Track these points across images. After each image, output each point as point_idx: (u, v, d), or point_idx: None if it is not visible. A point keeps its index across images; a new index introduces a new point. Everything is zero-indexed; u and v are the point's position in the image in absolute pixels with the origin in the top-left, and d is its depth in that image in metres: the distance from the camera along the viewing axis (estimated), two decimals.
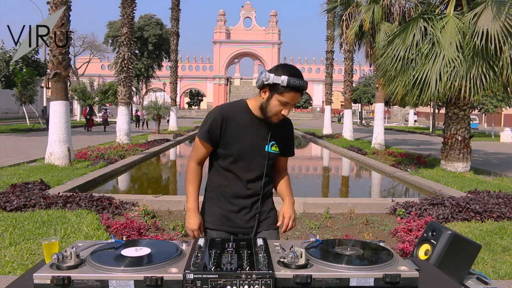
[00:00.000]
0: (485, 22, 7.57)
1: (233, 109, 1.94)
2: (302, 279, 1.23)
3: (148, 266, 1.28)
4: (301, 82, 1.80)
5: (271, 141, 1.95)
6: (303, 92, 1.87)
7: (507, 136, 21.38)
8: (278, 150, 1.98)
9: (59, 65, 8.96)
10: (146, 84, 42.40)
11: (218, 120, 1.89)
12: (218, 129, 1.89)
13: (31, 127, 24.13)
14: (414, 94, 8.32)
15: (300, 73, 1.84)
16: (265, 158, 1.94)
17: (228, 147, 1.92)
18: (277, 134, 1.97)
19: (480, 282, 1.94)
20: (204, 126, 1.91)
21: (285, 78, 1.77)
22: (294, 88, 1.79)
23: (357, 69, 40.98)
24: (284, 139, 2.02)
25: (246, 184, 1.95)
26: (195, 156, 1.98)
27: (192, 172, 1.98)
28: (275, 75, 1.79)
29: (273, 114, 1.86)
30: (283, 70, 1.80)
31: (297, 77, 1.80)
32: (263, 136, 1.94)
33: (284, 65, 1.86)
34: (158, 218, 5.20)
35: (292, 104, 1.85)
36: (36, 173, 7.63)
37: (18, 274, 3.11)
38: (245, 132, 1.91)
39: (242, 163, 1.93)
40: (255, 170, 1.95)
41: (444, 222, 4.93)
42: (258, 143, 1.93)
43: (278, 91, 1.80)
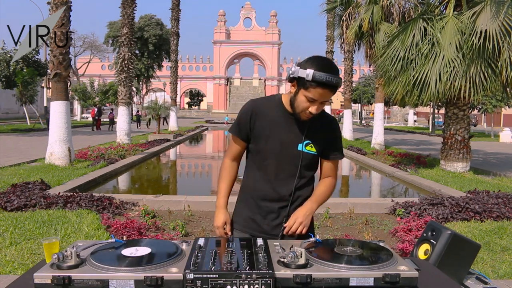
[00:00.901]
0: (484, 21, 7.59)
1: (266, 102, 1.83)
2: (302, 278, 1.24)
3: (148, 266, 1.28)
4: (329, 77, 1.60)
5: (306, 140, 1.77)
6: (335, 89, 1.65)
7: (506, 136, 21.39)
8: (315, 151, 1.79)
9: (60, 65, 8.96)
10: (146, 84, 42.40)
11: (248, 113, 1.78)
12: (248, 123, 1.78)
13: (31, 127, 24.13)
14: (414, 94, 8.33)
15: (332, 67, 1.64)
16: (299, 158, 1.77)
17: (257, 142, 1.80)
18: (315, 133, 1.79)
19: (479, 281, 1.94)
20: (236, 120, 1.84)
21: (310, 72, 1.60)
22: (321, 83, 1.61)
23: (357, 69, 41.01)
24: (325, 139, 1.81)
25: (274, 185, 1.80)
26: (229, 152, 1.89)
27: (225, 169, 1.89)
28: (301, 68, 1.63)
29: (300, 111, 1.70)
30: (312, 63, 1.63)
31: (327, 71, 1.60)
32: (296, 134, 1.77)
33: (315, 57, 1.67)
34: (158, 218, 5.20)
35: (321, 101, 1.67)
36: (37, 173, 7.64)
37: (18, 273, 3.11)
38: (276, 127, 1.77)
39: (271, 161, 1.79)
40: (285, 171, 1.79)
41: (443, 222, 4.94)
42: (290, 141, 1.77)
43: (304, 86, 1.64)
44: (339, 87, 1.67)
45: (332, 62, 1.68)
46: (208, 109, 60.47)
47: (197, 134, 24.03)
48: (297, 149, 1.77)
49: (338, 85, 1.63)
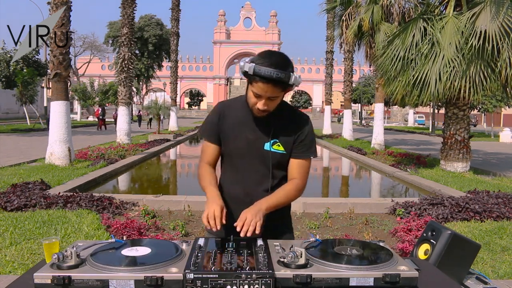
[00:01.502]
0: (484, 22, 7.59)
1: (233, 103, 1.80)
2: (302, 278, 1.24)
3: (148, 265, 1.28)
4: (269, 72, 1.51)
5: (273, 139, 1.71)
6: (280, 84, 1.55)
7: (506, 136, 21.39)
8: (283, 149, 1.71)
9: (60, 65, 8.96)
10: (146, 84, 42.42)
11: (216, 115, 1.76)
12: (216, 124, 1.75)
13: (31, 127, 24.14)
14: (414, 94, 8.34)
15: (278, 62, 1.55)
16: (268, 158, 1.70)
17: (226, 143, 1.76)
18: (283, 131, 1.71)
19: (479, 281, 1.94)
20: (205, 124, 1.82)
21: (252, 65, 1.54)
22: (262, 78, 1.53)
23: (356, 69, 40.97)
24: (293, 137, 1.72)
25: (246, 187, 1.74)
26: (202, 157, 1.81)
27: (203, 171, 1.77)
28: (247, 62, 1.57)
29: (251, 107, 1.66)
30: (258, 57, 1.58)
31: (269, 65, 1.52)
32: (263, 132, 1.71)
33: (264, 51, 1.62)
34: (158, 218, 5.20)
35: (267, 97, 1.59)
36: (37, 173, 7.64)
37: (18, 273, 3.11)
38: (242, 126, 1.72)
39: (240, 161, 1.74)
40: (257, 172, 1.73)
41: (443, 222, 4.94)
42: (256, 140, 1.71)
43: (250, 81, 1.60)
44: (288, 83, 1.56)
45: (281, 57, 1.59)
46: (208, 109, 60.50)
47: (197, 134, 24.04)
48: (263, 148, 1.71)
49: (280, 80, 1.53)
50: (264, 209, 1.61)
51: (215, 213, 1.55)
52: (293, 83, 1.58)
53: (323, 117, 25.51)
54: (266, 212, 1.61)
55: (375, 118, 15.01)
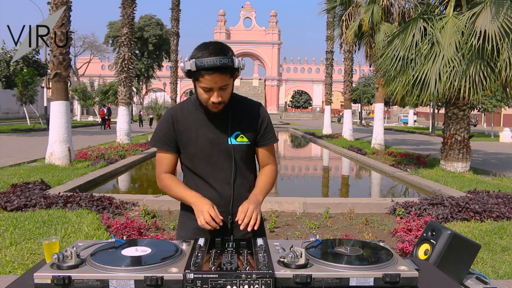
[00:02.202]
0: (483, 22, 7.59)
1: (183, 107, 1.73)
2: (302, 278, 1.24)
3: (148, 265, 1.28)
4: (211, 61, 1.49)
5: (235, 132, 1.69)
6: (226, 71, 1.53)
7: (506, 136, 21.38)
8: (247, 140, 1.71)
9: (60, 65, 8.97)
10: (146, 84, 42.41)
11: (170, 121, 1.69)
12: (172, 131, 1.69)
13: (31, 127, 24.14)
14: (414, 94, 8.33)
15: (214, 49, 1.53)
16: (232, 153, 1.68)
17: (186, 148, 1.70)
18: (241, 122, 1.70)
19: (479, 281, 1.94)
20: (157, 133, 1.72)
21: (192, 62, 1.52)
22: (205, 69, 1.51)
23: (357, 69, 41.00)
24: (254, 126, 1.72)
25: (216, 188, 1.70)
26: (160, 169, 1.73)
27: (169, 180, 1.71)
28: (186, 61, 1.55)
29: (205, 104, 1.63)
30: (194, 53, 1.55)
31: (208, 55, 1.51)
32: (223, 129, 1.68)
33: (198, 45, 1.58)
34: (158, 218, 5.20)
35: (218, 87, 1.56)
36: (37, 173, 7.64)
37: (18, 273, 3.11)
38: (200, 127, 1.68)
39: (206, 163, 1.70)
40: (223, 170, 1.70)
41: (443, 222, 4.94)
42: (218, 137, 1.68)
43: (196, 78, 1.57)
44: (234, 67, 1.54)
45: (217, 44, 1.56)
46: None
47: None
48: (228, 144, 1.68)
49: (225, 66, 1.51)
50: (261, 201, 1.67)
51: (210, 213, 1.53)
52: (238, 66, 1.56)
53: (323, 117, 25.51)
54: (262, 202, 1.68)
55: (375, 118, 15.01)
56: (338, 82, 45.87)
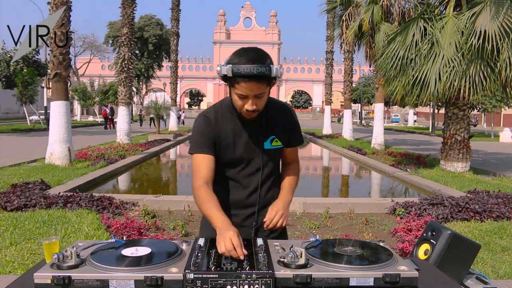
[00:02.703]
0: (483, 22, 7.59)
1: (217, 112, 1.71)
2: (302, 278, 1.24)
3: (148, 265, 1.28)
4: (248, 68, 1.46)
5: (270, 136, 1.71)
6: (263, 79, 1.50)
7: (506, 136, 21.38)
8: (280, 144, 1.74)
9: (60, 65, 8.96)
10: (146, 84, 42.42)
11: (208, 126, 1.67)
12: (212, 136, 1.66)
13: (31, 127, 24.15)
14: (414, 94, 8.33)
15: (253, 57, 1.49)
16: (266, 156, 1.72)
17: (222, 154, 1.69)
18: (275, 125, 1.72)
19: (479, 281, 1.94)
20: (196, 138, 1.68)
21: (229, 67, 1.48)
22: (241, 76, 1.48)
23: (357, 69, 41.00)
24: (285, 128, 1.74)
25: (249, 191, 1.73)
26: (198, 175, 1.63)
27: (204, 194, 1.58)
28: (223, 65, 1.51)
29: (239, 110, 1.61)
30: (233, 57, 1.52)
31: (246, 62, 1.47)
32: (258, 133, 1.68)
33: (237, 50, 1.54)
34: (158, 218, 5.20)
35: (253, 95, 1.53)
36: (37, 173, 7.64)
37: (18, 273, 3.11)
38: (236, 133, 1.68)
39: (240, 168, 1.71)
40: (253, 174, 1.72)
41: (443, 222, 4.94)
42: (255, 142, 1.69)
43: (232, 84, 1.54)
44: (271, 76, 1.51)
45: (257, 51, 1.52)
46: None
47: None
48: (264, 148, 1.70)
49: (262, 75, 1.48)
50: (290, 200, 1.76)
51: (233, 243, 1.35)
52: (276, 75, 1.53)
53: (323, 117, 25.51)
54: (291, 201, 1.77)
55: (375, 118, 15.01)
56: (338, 82, 45.89)
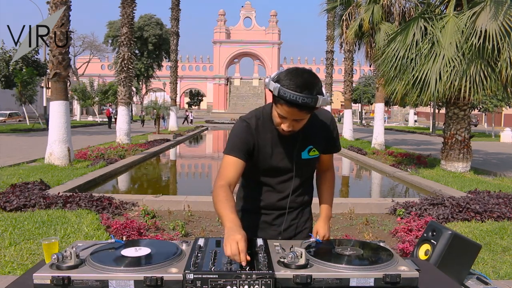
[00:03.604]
0: (484, 21, 7.59)
1: (258, 119, 1.68)
2: (302, 279, 1.23)
3: (148, 266, 1.28)
4: (295, 96, 1.41)
5: (308, 146, 1.69)
6: (306, 109, 1.46)
7: (507, 136, 21.37)
8: (318, 153, 1.72)
9: (59, 65, 8.96)
10: (146, 84, 42.41)
11: (248, 132, 1.64)
12: (250, 143, 1.63)
13: (31, 127, 24.15)
14: (414, 93, 8.33)
15: (305, 83, 1.43)
16: (304, 165, 1.72)
17: (260, 162, 1.68)
18: (314, 135, 1.69)
19: (480, 282, 1.93)
20: (233, 141, 1.64)
21: (277, 87, 1.44)
22: (285, 101, 1.44)
23: (357, 69, 41.00)
24: (324, 137, 1.72)
25: (281, 194, 1.74)
26: (224, 176, 1.60)
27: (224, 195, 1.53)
28: (272, 80, 1.48)
29: (276, 126, 1.60)
30: (284, 76, 1.46)
31: (295, 88, 1.42)
32: (297, 143, 1.67)
33: (290, 70, 1.49)
34: (158, 218, 5.20)
35: (292, 119, 1.51)
36: (36, 173, 7.63)
37: (18, 274, 3.11)
38: (275, 143, 1.66)
39: (276, 176, 1.72)
40: (287, 182, 1.72)
41: (444, 222, 4.93)
42: (294, 152, 1.68)
43: (275, 101, 1.52)
44: (314, 107, 1.46)
45: (308, 77, 1.46)
46: (208, 109, 60.49)
47: (197, 134, 24.02)
48: (302, 158, 1.69)
49: (306, 106, 1.43)
50: (331, 215, 1.82)
51: (239, 247, 1.30)
52: (322, 105, 1.50)
53: None
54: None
55: (376, 118, 15.00)
56: (338, 82, 45.88)
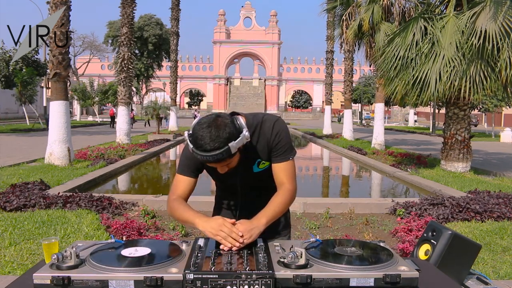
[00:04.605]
0: (484, 21, 7.58)
1: None
2: (302, 279, 1.23)
3: (148, 266, 1.27)
4: (205, 157, 1.45)
5: (257, 159, 1.69)
6: (226, 159, 1.48)
7: (507, 136, 21.38)
8: (268, 163, 1.71)
9: (59, 65, 8.96)
10: (146, 84, 42.44)
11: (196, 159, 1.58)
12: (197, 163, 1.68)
13: (31, 127, 24.15)
14: (414, 93, 8.33)
15: (210, 140, 1.42)
16: (257, 178, 1.74)
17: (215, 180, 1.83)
18: (257, 148, 1.68)
19: (480, 282, 1.93)
20: (183, 160, 1.73)
21: (191, 147, 1.48)
22: (202, 161, 1.51)
23: (357, 69, 40.99)
24: (268, 147, 1.68)
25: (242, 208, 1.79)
26: (175, 191, 1.71)
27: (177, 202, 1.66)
28: (188, 139, 1.50)
29: None
30: (191, 135, 1.48)
31: (202, 149, 1.44)
32: (246, 159, 1.66)
33: (196, 126, 1.48)
34: (158, 218, 5.20)
35: (218, 167, 1.56)
36: (36, 173, 7.63)
37: (18, 274, 3.11)
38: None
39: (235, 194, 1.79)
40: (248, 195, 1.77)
41: (444, 222, 4.93)
42: (245, 169, 1.69)
43: None
44: (229, 156, 1.46)
45: (213, 130, 1.43)
46: (208, 109, 60.49)
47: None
48: (253, 172, 1.71)
49: (221, 160, 1.45)
50: (263, 225, 1.55)
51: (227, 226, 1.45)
52: (237, 148, 1.47)
53: (323, 117, 25.51)
54: (265, 227, 1.56)
55: (376, 118, 15.00)
56: (338, 82, 45.89)
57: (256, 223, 1.53)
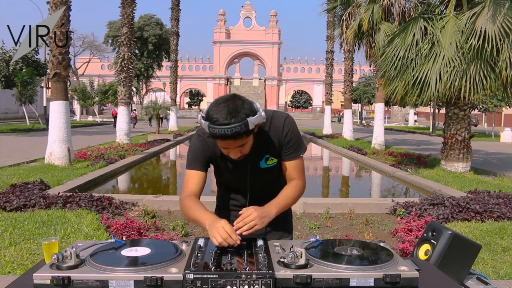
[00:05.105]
0: (483, 22, 7.58)
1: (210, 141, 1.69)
2: (302, 279, 1.23)
3: (148, 266, 1.27)
4: (222, 130, 1.42)
5: (265, 155, 1.70)
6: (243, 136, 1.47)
7: (507, 136, 21.37)
8: (276, 160, 1.73)
9: (59, 65, 8.96)
10: (146, 84, 42.44)
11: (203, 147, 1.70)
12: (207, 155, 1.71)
13: (31, 127, 24.14)
14: (414, 93, 8.32)
15: (228, 112, 1.42)
16: (262, 175, 1.75)
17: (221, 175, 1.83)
18: (267, 144, 1.69)
19: (480, 282, 1.93)
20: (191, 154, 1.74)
21: (206, 124, 1.46)
22: (218, 136, 1.46)
23: (357, 69, 40.98)
24: (278, 144, 1.70)
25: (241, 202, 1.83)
26: (186, 188, 1.74)
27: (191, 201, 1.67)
28: (202, 118, 1.49)
29: (226, 155, 1.61)
30: (207, 112, 1.47)
31: (218, 123, 1.43)
32: (254, 154, 1.66)
33: (211, 104, 1.49)
34: (158, 218, 5.20)
35: (232, 147, 1.53)
36: (36, 173, 7.63)
37: (18, 274, 3.11)
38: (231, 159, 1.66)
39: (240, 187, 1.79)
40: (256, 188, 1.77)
41: (444, 222, 4.93)
42: (252, 165, 1.70)
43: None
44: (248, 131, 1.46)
45: (231, 104, 1.44)
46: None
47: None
48: (260, 167, 1.72)
49: (238, 134, 1.43)
50: (273, 215, 1.59)
51: (227, 230, 1.41)
52: (255, 124, 1.48)
53: (323, 117, 25.51)
54: (274, 216, 1.59)
55: (376, 118, 15.00)
56: (338, 82, 45.89)
57: (268, 212, 1.57)
